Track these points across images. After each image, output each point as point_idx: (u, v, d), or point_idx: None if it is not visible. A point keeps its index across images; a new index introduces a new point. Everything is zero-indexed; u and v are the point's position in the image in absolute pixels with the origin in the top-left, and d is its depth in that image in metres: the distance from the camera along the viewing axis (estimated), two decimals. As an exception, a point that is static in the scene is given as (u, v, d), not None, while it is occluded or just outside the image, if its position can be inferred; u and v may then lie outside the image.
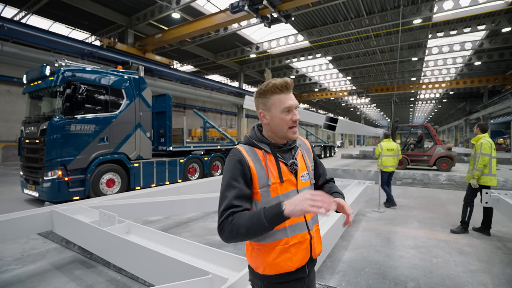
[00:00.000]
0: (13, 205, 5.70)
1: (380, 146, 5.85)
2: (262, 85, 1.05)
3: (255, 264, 1.04)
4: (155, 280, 1.83)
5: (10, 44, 9.81)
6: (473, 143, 4.21)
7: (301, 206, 0.84)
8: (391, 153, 5.73)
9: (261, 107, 1.06)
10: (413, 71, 25.51)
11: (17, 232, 2.72)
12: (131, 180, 6.70)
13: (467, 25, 15.01)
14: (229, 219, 0.92)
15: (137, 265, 1.95)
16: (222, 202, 0.97)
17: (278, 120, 1.03)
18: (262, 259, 1.01)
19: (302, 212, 0.84)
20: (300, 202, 0.85)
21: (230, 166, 1.01)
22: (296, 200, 0.86)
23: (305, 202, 0.84)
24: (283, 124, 1.03)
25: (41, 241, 3.75)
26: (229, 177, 0.99)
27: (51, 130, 5.35)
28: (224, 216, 0.93)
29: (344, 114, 55.10)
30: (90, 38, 16.74)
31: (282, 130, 1.04)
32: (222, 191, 0.99)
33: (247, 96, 7.00)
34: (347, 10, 14.04)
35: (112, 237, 2.12)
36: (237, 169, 0.98)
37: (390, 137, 6.05)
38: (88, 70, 6.03)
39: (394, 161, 5.74)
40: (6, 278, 2.75)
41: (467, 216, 4.14)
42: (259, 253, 1.02)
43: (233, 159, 1.02)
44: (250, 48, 19.20)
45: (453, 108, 46.55)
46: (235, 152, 1.04)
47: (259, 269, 1.02)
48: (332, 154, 22.67)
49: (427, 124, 12.65)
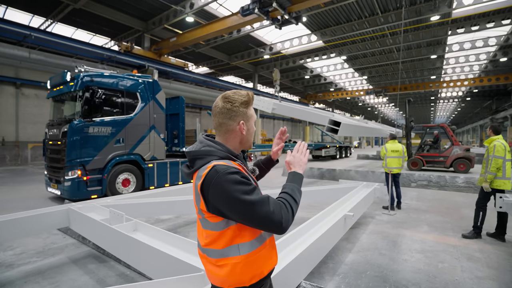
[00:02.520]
0: (37, 202, 6.13)
1: (384, 148, 5.78)
2: (238, 98, 1.01)
3: (248, 276, 0.97)
4: (155, 275, 1.97)
5: (36, 52, 10.52)
6: (486, 145, 4.07)
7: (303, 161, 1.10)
8: (396, 155, 5.64)
9: (243, 118, 1.02)
10: (433, 69, 24.53)
11: (37, 228, 2.96)
12: (145, 180, 6.98)
13: (490, 20, 14.26)
14: (283, 208, 0.92)
15: (140, 261, 2.10)
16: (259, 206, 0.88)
17: (252, 131, 1.07)
18: (258, 264, 0.98)
19: (306, 164, 1.12)
20: (299, 159, 1.09)
21: (234, 179, 0.88)
22: (297, 162, 1.09)
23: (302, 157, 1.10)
24: (252, 135, 1.08)
25: (61, 237, 4.03)
26: (243, 186, 0.88)
27: (71, 132, 5.71)
28: (278, 209, 0.90)
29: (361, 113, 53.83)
30: (110, 43, 17.51)
31: (250, 141, 1.08)
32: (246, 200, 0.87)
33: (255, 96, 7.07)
34: (361, 9, 13.79)
35: (119, 234, 2.28)
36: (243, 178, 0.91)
37: (396, 138, 5.96)
38: (105, 75, 6.37)
39: (399, 163, 5.65)
40: (28, 269, 3.01)
41: (479, 220, 4.01)
42: (256, 259, 0.97)
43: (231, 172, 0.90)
44: (263, 49, 19.29)
45: (478, 107, 44.18)
46: (225, 167, 0.91)
47: (254, 278, 0.97)
48: (348, 154, 22.30)
49: (444, 124, 12.18)
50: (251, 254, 0.96)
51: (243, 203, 0.87)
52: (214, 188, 0.89)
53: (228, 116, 1.01)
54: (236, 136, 1.04)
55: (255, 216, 0.88)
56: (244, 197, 0.87)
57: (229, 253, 0.96)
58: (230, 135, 1.03)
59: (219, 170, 0.89)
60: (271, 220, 0.88)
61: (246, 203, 0.87)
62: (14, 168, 12.90)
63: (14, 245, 3.69)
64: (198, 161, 0.98)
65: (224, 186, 0.87)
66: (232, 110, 1.01)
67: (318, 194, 4.62)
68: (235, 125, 1.02)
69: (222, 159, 0.96)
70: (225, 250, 0.96)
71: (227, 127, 1.02)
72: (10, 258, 3.29)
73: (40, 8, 13.16)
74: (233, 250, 0.96)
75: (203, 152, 0.98)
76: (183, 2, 12.66)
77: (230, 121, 1.01)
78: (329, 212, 3.17)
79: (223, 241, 0.96)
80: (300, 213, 5.39)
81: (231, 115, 1.01)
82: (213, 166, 0.92)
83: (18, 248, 3.60)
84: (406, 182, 8.60)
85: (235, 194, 0.87)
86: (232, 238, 0.95)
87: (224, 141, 1.03)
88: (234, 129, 1.02)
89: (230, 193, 0.87)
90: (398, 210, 5.57)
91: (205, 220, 0.98)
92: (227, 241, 0.96)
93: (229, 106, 1.00)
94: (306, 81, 29.86)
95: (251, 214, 0.88)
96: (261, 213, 0.87)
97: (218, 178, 0.88)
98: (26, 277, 2.82)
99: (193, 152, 1.00)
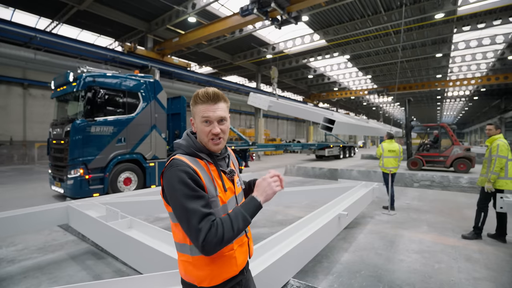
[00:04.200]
0: (41, 200, 6.25)
1: (381, 147, 5.74)
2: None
3: (198, 278, 0.97)
4: (146, 270, 2.00)
5: (42, 53, 10.71)
6: (487, 144, 4.01)
7: (271, 190, 0.97)
8: (392, 154, 5.61)
9: (192, 115, 1.04)
10: (438, 67, 24.18)
11: (37, 224, 3.03)
12: (147, 179, 7.05)
13: (497, 17, 14.00)
14: (213, 230, 0.85)
15: (132, 257, 2.13)
16: (191, 215, 0.86)
17: (199, 130, 1.01)
18: (207, 271, 0.96)
19: (273, 195, 0.98)
20: (267, 187, 0.97)
21: (181, 177, 0.89)
22: (263, 188, 0.98)
23: (272, 186, 0.97)
24: (203, 135, 1.00)
25: (62, 234, 4.11)
26: (186, 189, 0.88)
27: (74, 132, 5.81)
28: (206, 229, 0.85)
29: (366, 113, 53.42)
30: (114, 44, 17.71)
31: (203, 140, 1.02)
32: (183, 204, 0.87)
33: (252, 93, 7.07)
34: (364, 8, 13.68)
35: (113, 230, 2.33)
36: (191, 180, 0.90)
37: (394, 138, 5.92)
38: (108, 75, 6.46)
39: (396, 162, 5.61)
40: (28, 264, 3.08)
41: (480, 221, 3.95)
42: (203, 265, 0.95)
43: (181, 170, 0.91)
44: (266, 49, 19.28)
45: (486, 106, 43.39)
46: (180, 163, 0.93)
47: (205, 282, 0.96)
48: (352, 154, 22.17)
49: (444, 123, 12.07)
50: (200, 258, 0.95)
51: (179, 204, 0.89)
52: (165, 179, 0.94)
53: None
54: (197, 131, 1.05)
55: (184, 222, 0.89)
56: (182, 200, 0.88)
57: (183, 250, 0.98)
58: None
59: (173, 164, 0.93)
60: (194, 236, 0.86)
61: (181, 206, 0.88)
62: (22, 167, 13.16)
63: (16, 241, 3.78)
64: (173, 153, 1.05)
65: (172, 180, 0.91)
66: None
67: (315, 193, 4.61)
68: (191, 122, 1.07)
69: (186, 154, 1.00)
70: (181, 245, 0.98)
71: None
72: (12, 254, 3.37)
73: (46, 10, 13.39)
74: (185, 248, 0.98)
75: (176, 145, 1.05)
76: (185, 3, 12.74)
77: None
78: (323, 211, 3.16)
79: (179, 235, 0.98)
80: (296, 212, 5.40)
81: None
82: (173, 158, 0.97)
83: (20, 244, 3.69)
84: (408, 182, 8.52)
85: (176, 192, 0.89)
86: (185, 235, 0.95)
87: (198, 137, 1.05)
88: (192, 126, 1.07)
89: (174, 188, 0.90)
90: (392, 210, 5.53)
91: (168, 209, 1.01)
92: (182, 237, 0.97)
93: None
94: (309, 81, 29.73)
95: (182, 218, 0.89)
96: (190, 223, 0.86)
97: (170, 171, 0.92)
98: (26, 272, 2.89)
99: (174, 143, 1.07)
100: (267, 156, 23.83)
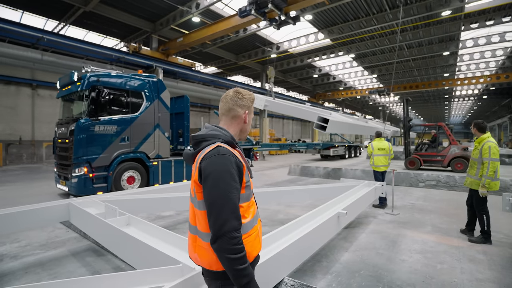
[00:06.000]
0: (47, 198, 6.36)
1: (371, 146, 5.74)
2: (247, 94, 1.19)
3: None
4: (140, 267, 2.01)
5: (49, 54, 10.89)
6: (475, 144, 3.93)
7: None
8: (382, 153, 5.60)
9: (248, 109, 1.19)
10: (446, 66, 23.76)
11: (39, 221, 3.07)
12: (150, 178, 7.10)
13: (506, 14, 13.67)
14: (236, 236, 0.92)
15: (128, 253, 2.14)
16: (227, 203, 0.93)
17: (250, 124, 1.22)
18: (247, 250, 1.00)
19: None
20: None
21: (228, 165, 0.97)
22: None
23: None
24: (249, 126, 1.22)
25: (65, 231, 4.17)
26: (230, 177, 0.96)
27: (78, 131, 5.88)
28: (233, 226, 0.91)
29: (372, 112, 52.86)
30: (120, 44, 17.92)
31: (247, 131, 1.22)
32: (225, 190, 0.93)
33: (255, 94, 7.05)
34: (369, 6, 13.52)
35: (110, 227, 2.35)
36: (235, 170, 0.98)
37: (382, 136, 5.93)
38: (111, 75, 6.52)
39: (386, 161, 5.61)
40: (30, 260, 3.13)
41: (485, 224, 3.84)
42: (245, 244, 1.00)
43: (229, 159, 0.99)
44: (270, 48, 19.24)
45: (495, 105, 42.48)
46: (227, 151, 1.01)
47: None
48: (357, 154, 21.97)
49: (441, 123, 11.93)
50: None
51: (220, 187, 0.94)
52: (210, 164, 0.97)
53: (238, 103, 1.16)
54: (240, 123, 1.18)
55: (217, 207, 0.92)
56: (225, 184, 0.94)
57: None
58: (235, 120, 1.16)
59: (221, 151, 0.99)
60: (221, 222, 0.91)
61: (221, 189, 0.94)
62: (30, 166, 13.43)
63: (20, 237, 3.84)
64: (204, 143, 1.07)
65: (218, 166, 0.96)
66: (242, 100, 1.17)
67: (316, 192, 4.57)
68: (241, 113, 1.17)
69: (225, 143, 1.06)
70: (209, 235, 0.99)
71: (235, 113, 1.15)
72: (15, 250, 3.43)
73: (53, 11, 13.61)
74: None
75: (210, 135, 1.08)
76: (189, 3, 12.80)
77: (238, 108, 1.16)
78: (322, 210, 3.13)
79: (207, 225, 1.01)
80: (298, 211, 5.37)
81: (240, 103, 1.16)
82: (217, 146, 1.02)
83: (24, 240, 3.75)
84: (414, 182, 8.40)
85: (221, 177, 0.94)
86: None
87: (227, 127, 1.15)
88: (240, 116, 1.17)
89: (219, 174, 0.95)
90: (381, 209, 5.45)
91: (194, 199, 1.04)
92: None
93: (240, 96, 1.17)
94: (314, 80, 29.55)
95: (217, 203, 0.93)
96: (223, 209, 0.92)
97: (217, 158, 0.98)
98: (27, 268, 2.93)
99: (200, 135, 1.09)
100: (272, 155, 23.79)
